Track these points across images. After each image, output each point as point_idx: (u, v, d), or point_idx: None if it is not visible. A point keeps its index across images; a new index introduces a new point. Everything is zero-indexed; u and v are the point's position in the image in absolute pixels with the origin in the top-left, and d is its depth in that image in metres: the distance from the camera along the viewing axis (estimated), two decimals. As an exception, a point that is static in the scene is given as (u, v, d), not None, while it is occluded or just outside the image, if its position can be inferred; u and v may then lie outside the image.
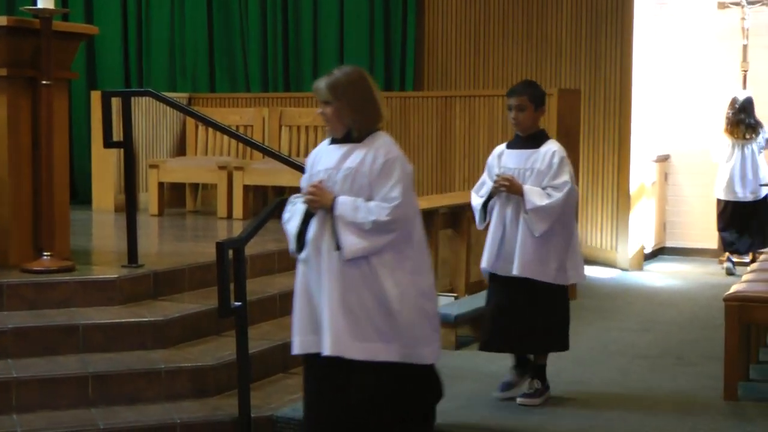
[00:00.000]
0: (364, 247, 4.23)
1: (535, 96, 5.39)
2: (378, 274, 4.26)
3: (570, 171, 5.30)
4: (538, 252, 5.25)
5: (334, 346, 4.25)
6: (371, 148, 4.30)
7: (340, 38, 10.52)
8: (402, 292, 4.26)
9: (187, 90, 10.82)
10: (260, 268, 7.07)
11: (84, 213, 9.46)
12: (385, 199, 4.23)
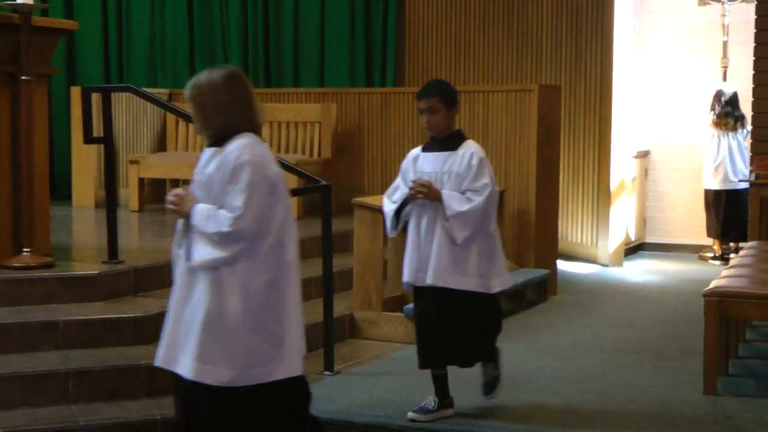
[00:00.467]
0: (213, 258, 3.94)
1: (446, 96, 5.06)
2: (223, 287, 3.96)
3: (490, 172, 5.03)
4: (456, 260, 4.97)
5: (164, 359, 4.09)
6: (225, 152, 4.02)
7: (321, 35, 10.52)
8: (245, 309, 3.95)
9: (168, 86, 10.79)
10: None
11: (64, 209, 9.43)
12: (230, 208, 3.94)
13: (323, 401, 5.31)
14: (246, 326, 3.96)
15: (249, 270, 3.97)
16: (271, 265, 4.03)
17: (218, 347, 3.94)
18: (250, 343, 3.97)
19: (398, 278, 7.12)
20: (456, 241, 4.94)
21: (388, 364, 6.19)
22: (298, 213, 9.01)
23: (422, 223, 5.04)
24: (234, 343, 3.95)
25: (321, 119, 9.63)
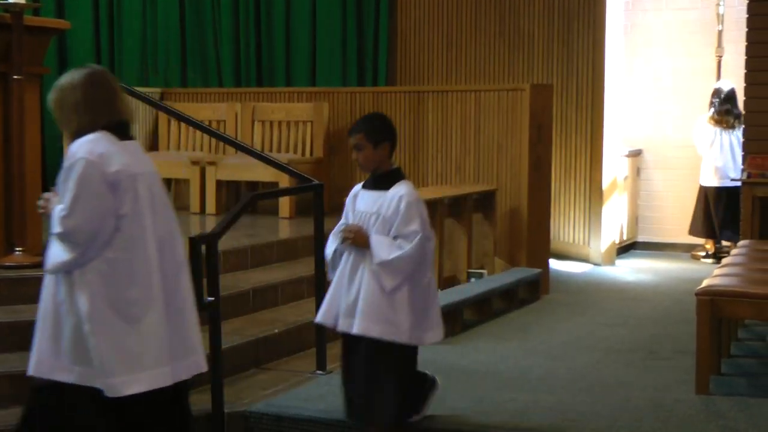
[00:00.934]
0: (62, 262, 3.92)
1: (371, 133, 4.74)
2: (74, 291, 3.93)
3: (421, 217, 4.63)
4: (386, 308, 4.59)
5: (34, 367, 4.09)
6: (69, 150, 4.02)
7: (313, 33, 10.51)
8: (95, 316, 3.90)
9: (159, 85, 10.77)
10: (233, 263, 7.05)
11: (55, 208, 9.38)
12: (61, 208, 3.92)
13: (315, 400, 5.31)
14: (94, 331, 3.90)
15: (98, 272, 3.91)
16: (125, 268, 3.96)
17: (64, 348, 3.96)
18: (96, 347, 3.91)
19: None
20: (385, 290, 4.58)
21: (380, 363, 6.18)
22: (291, 212, 9.02)
23: (353, 266, 4.70)
24: (118, 351, 3.92)
25: (313, 118, 9.62)
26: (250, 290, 6.63)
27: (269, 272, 7.20)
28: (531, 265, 8.33)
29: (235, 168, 9.20)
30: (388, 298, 4.60)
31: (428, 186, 9.10)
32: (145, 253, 4.00)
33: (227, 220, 5.15)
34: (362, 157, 4.78)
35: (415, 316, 4.64)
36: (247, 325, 6.26)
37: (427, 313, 4.70)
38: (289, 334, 6.27)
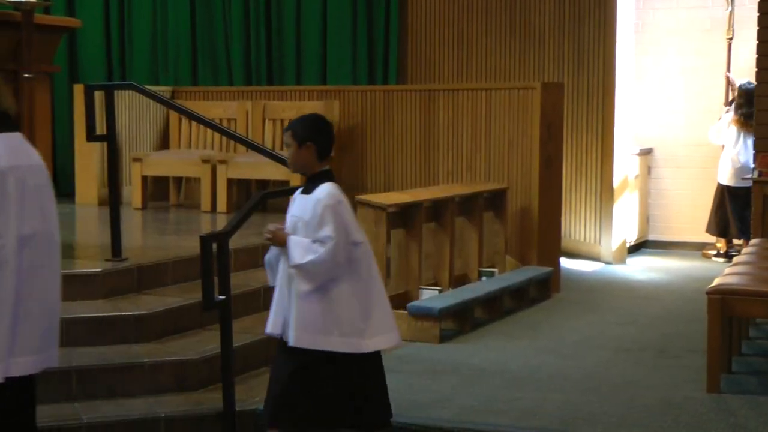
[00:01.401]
0: None
1: (299, 132, 4.52)
2: None
3: (337, 222, 4.39)
4: (313, 316, 4.42)
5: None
6: None
7: (323, 31, 10.51)
8: None
9: (170, 83, 10.79)
10: (244, 261, 7.06)
11: (67, 207, 9.43)
12: None
13: (326, 399, 5.30)
14: None
15: None
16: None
17: None
18: None
19: (401, 276, 7.16)
20: (300, 293, 4.40)
21: (390, 361, 6.14)
22: (301, 211, 8.99)
23: (284, 272, 4.54)
24: None
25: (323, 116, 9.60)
26: (261, 289, 6.63)
27: (279, 270, 7.19)
28: (542, 263, 8.32)
29: (245, 166, 9.21)
30: (313, 304, 4.41)
31: (439, 184, 9.09)
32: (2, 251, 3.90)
33: (238, 219, 5.15)
34: (288, 156, 4.59)
35: (347, 322, 4.43)
36: (258, 324, 6.24)
37: (367, 319, 4.47)
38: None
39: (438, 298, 7.06)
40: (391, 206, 6.97)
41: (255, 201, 5.42)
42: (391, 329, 4.58)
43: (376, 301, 4.54)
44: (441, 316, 6.72)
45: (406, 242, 7.19)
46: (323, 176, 4.54)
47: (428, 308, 6.72)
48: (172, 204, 9.89)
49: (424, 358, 6.24)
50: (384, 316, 4.56)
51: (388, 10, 10.36)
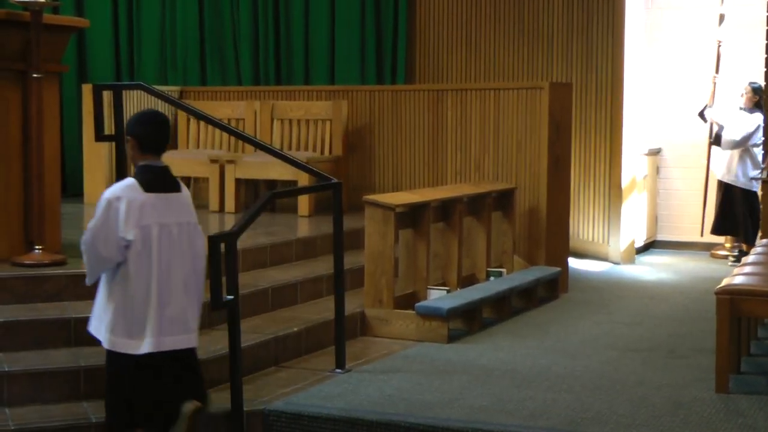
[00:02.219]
0: None
1: (126, 126, 4.69)
2: None
3: (104, 216, 4.52)
4: (96, 305, 4.67)
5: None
6: None
7: (332, 31, 10.51)
8: None
9: (179, 83, 10.79)
10: (252, 261, 7.07)
11: (75, 206, 9.43)
12: None
13: (334, 398, 5.31)
14: None
15: None
16: None
17: None
18: None
19: (409, 276, 7.15)
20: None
21: (398, 361, 6.19)
22: (309, 210, 9.03)
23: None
24: None
25: (332, 117, 9.62)
26: (269, 288, 6.64)
27: (288, 270, 7.21)
28: (550, 263, 8.31)
29: (254, 166, 9.21)
30: (100, 296, 4.65)
31: (447, 184, 9.09)
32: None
33: (246, 219, 5.15)
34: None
35: (109, 320, 4.55)
36: (266, 324, 6.27)
37: (128, 321, 4.53)
38: (308, 332, 6.28)
39: (446, 298, 7.06)
40: (399, 206, 6.97)
41: (263, 201, 5.42)
42: (151, 336, 4.54)
43: (141, 306, 4.53)
44: (449, 316, 6.71)
45: (414, 242, 7.18)
46: (137, 171, 4.64)
47: (436, 308, 6.71)
48: (180, 204, 9.88)
49: (433, 358, 6.24)
50: (148, 323, 4.53)
51: (396, 10, 10.36)
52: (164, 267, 4.55)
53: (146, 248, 4.52)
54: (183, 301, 4.61)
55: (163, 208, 4.58)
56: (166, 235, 4.57)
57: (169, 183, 4.67)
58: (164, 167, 4.69)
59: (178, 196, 4.68)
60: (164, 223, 4.57)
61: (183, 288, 4.60)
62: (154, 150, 4.66)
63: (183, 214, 4.66)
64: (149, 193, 4.56)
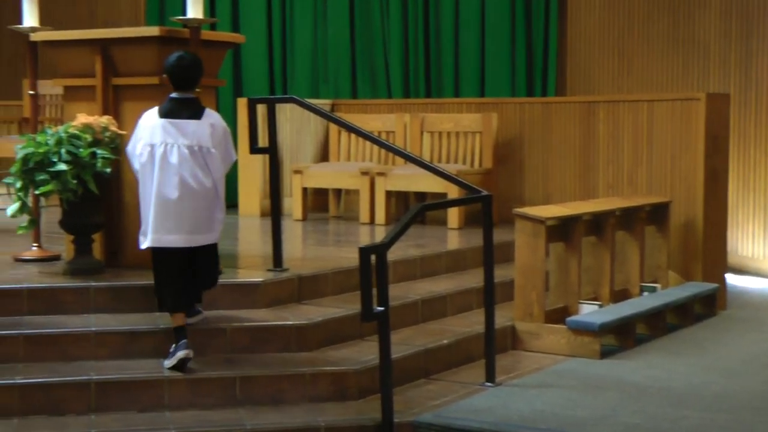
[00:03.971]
0: None
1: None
2: None
3: (132, 135, 5.63)
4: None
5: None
6: None
7: (482, 44, 10.49)
8: None
9: (330, 96, 10.95)
10: (402, 273, 7.10)
11: (230, 218, 9.61)
12: None
13: (484, 412, 5.28)
14: None
15: None
16: None
17: None
18: None
19: (560, 290, 7.07)
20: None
21: (549, 376, 6.12)
22: (459, 223, 9.03)
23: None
24: None
25: (482, 129, 9.61)
26: (419, 300, 6.66)
27: (437, 282, 7.22)
28: (707, 279, 8.10)
29: (404, 179, 9.26)
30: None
31: (598, 197, 8.96)
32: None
33: (396, 231, 5.18)
34: None
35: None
36: (416, 335, 6.29)
37: (144, 219, 5.50)
38: (458, 345, 6.26)
39: (598, 313, 6.95)
40: (549, 219, 6.89)
41: (413, 213, 5.43)
42: (148, 233, 5.45)
43: (147, 207, 5.47)
44: (601, 331, 6.60)
45: (565, 256, 7.10)
46: (164, 101, 5.57)
47: (588, 323, 6.61)
48: (331, 215, 10.03)
49: (584, 374, 6.15)
50: (149, 222, 5.47)
51: (547, 22, 10.28)
52: (168, 179, 5.40)
53: (151, 162, 5.44)
54: (187, 208, 5.41)
55: (173, 131, 5.43)
56: (174, 153, 5.41)
57: (187, 112, 5.49)
58: (186, 99, 5.53)
59: (195, 123, 5.47)
60: (171, 143, 5.42)
61: (190, 197, 5.41)
62: (180, 85, 5.54)
63: (195, 139, 5.44)
64: (163, 118, 5.46)
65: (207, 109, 5.60)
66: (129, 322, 5.69)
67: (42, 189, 5.91)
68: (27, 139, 6.05)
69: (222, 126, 5.60)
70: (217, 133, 5.53)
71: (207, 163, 5.46)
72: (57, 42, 6.58)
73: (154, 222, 5.42)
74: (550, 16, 10.26)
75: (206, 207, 5.48)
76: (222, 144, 5.56)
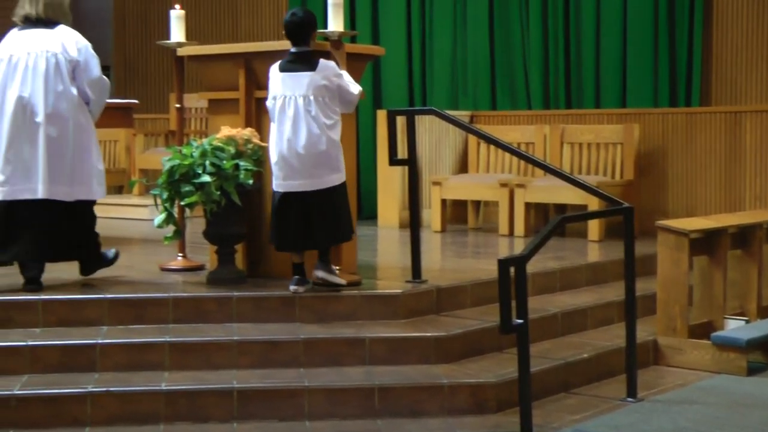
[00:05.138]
0: None
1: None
2: None
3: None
4: None
5: None
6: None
7: (623, 54, 10.30)
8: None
9: (469, 108, 10.93)
10: (541, 285, 7.04)
11: (370, 229, 9.74)
12: None
13: (625, 428, 5.18)
14: None
15: None
16: None
17: None
18: None
19: (704, 304, 6.90)
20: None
21: (693, 393, 5.97)
22: (600, 235, 8.90)
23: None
24: None
25: (623, 140, 9.47)
26: (558, 313, 6.59)
27: (577, 295, 7.13)
28: None
29: (543, 190, 9.19)
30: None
31: (745, 210, 8.72)
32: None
33: (536, 243, 5.13)
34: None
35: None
36: (556, 348, 6.22)
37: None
38: (599, 359, 6.17)
39: (745, 328, 6.75)
40: (693, 232, 6.74)
41: (553, 225, 5.37)
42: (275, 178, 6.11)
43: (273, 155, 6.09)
44: (748, 347, 6.41)
45: (709, 269, 6.93)
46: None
47: (734, 339, 6.43)
48: (470, 227, 10.01)
49: (730, 391, 5.97)
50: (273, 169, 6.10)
51: (691, 31, 10.04)
52: (291, 128, 5.91)
53: (281, 113, 5.96)
54: (304, 156, 5.91)
55: (290, 83, 5.94)
56: (291, 104, 5.92)
57: (299, 65, 5.97)
58: (301, 52, 6.00)
59: (310, 74, 5.92)
60: (289, 95, 5.92)
61: (306, 146, 5.90)
62: (294, 40, 6.01)
63: (306, 89, 5.91)
64: (282, 72, 6.00)
65: (322, 60, 6.00)
66: (270, 331, 5.79)
67: (187, 200, 6.07)
68: (173, 151, 6.23)
69: (335, 72, 6.00)
70: (332, 82, 5.97)
71: (320, 112, 5.91)
72: (202, 56, 6.77)
73: (276, 169, 5.97)
74: (695, 24, 10.02)
75: (319, 153, 5.92)
76: (337, 89, 6.01)
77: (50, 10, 6.23)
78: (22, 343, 5.53)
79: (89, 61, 6.21)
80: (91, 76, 6.21)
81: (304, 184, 5.93)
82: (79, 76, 6.18)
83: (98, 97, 6.27)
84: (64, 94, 6.07)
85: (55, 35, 6.16)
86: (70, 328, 5.80)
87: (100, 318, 5.87)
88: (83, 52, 6.20)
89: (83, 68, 6.18)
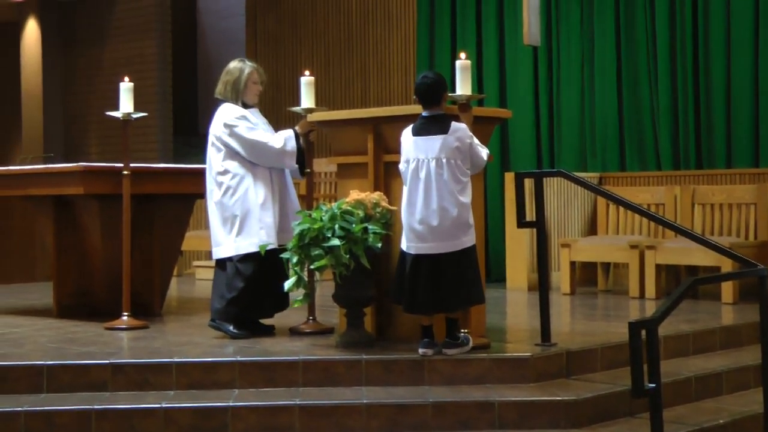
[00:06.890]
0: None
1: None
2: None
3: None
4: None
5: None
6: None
7: (755, 112, 10.07)
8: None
9: (598, 169, 10.85)
10: (673, 349, 6.91)
11: (498, 291, 9.72)
12: None
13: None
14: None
15: None
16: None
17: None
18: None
19: None
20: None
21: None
22: (734, 298, 8.70)
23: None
24: None
25: (756, 200, 9.28)
26: (692, 377, 6.44)
27: (711, 359, 6.97)
28: None
29: (674, 252, 9.04)
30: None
31: None
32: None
33: (667, 306, 5.05)
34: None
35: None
36: (690, 414, 6.08)
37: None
38: (735, 425, 6.00)
39: None
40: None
41: (685, 287, 5.28)
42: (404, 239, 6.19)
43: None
44: None
45: None
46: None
47: None
48: (600, 289, 9.90)
49: None
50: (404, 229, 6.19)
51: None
52: (423, 191, 5.97)
53: (413, 176, 6.02)
54: (437, 222, 5.96)
55: (423, 147, 6.00)
56: (423, 167, 5.98)
57: (435, 128, 6.01)
58: (434, 115, 6.06)
59: (441, 137, 5.97)
60: (423, 158, 5.98)
61: (443, 212, 5.94)
62: (423, 102, 6.10)
63: (439, 152, 5.95)
64: (415, 136, 6.06)
65: (454, 122, 6.05)
66: (398, 394, 5.80)
67: (317, 264, 6.17)
68: (303, 215, 6.34)
69: (467, 136, 6.05)
70: (464, 144, 6.02)
71: (451, 175, 5.96)
72: (331, 122, 6.89)
73: (407, 231, 6.05)
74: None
75: (451, 217, 5.95)
76: (469, 151, 6.06)
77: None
78: (156, 405, 5.67)
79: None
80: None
81: (436, 246, 5.95)
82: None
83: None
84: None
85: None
86: (203, 391, 5.92)
87: (232, 380, 5.98)
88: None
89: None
